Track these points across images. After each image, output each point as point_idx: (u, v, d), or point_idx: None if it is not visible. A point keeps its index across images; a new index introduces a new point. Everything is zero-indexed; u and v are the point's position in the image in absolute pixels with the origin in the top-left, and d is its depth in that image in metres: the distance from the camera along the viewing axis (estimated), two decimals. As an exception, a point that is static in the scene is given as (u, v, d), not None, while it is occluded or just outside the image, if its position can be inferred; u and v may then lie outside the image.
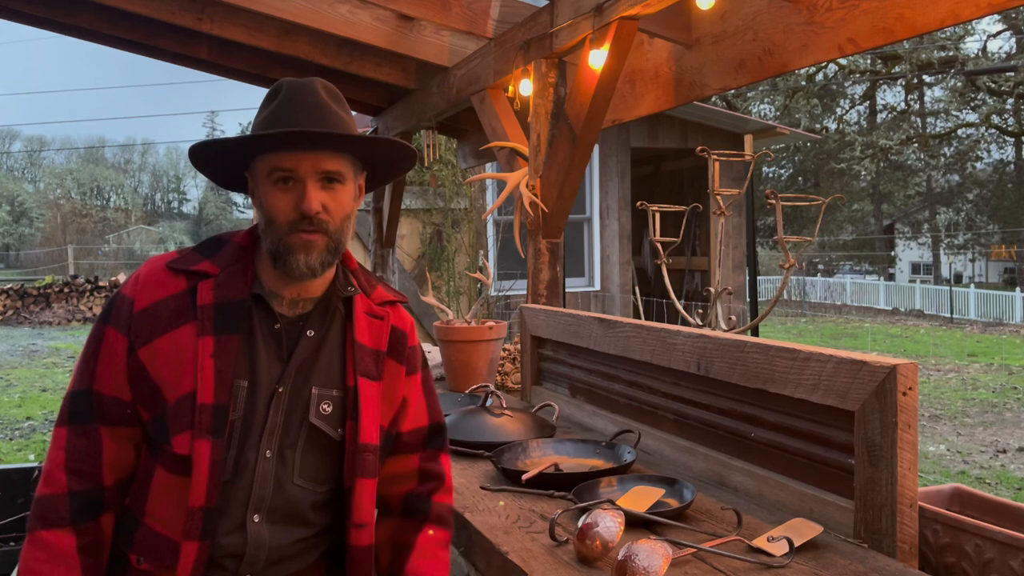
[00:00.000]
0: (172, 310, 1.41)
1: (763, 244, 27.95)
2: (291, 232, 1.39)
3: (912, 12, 2.22)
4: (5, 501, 4.06)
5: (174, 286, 1.43)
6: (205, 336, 1.38)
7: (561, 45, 3.18)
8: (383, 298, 1.58)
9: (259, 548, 1.41)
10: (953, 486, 1.92)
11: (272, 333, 1.45)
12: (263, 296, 1.46)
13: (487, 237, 9.12)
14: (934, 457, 7.40)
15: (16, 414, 8.74)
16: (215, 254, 1.47)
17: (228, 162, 1.49)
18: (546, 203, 3.33)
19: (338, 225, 1.43)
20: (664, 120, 9.45)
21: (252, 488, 1.41)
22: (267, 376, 1.43)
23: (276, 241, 1.41)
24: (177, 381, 1.38)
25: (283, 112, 1.40)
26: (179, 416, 1.37)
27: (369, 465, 1.48)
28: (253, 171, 1.45)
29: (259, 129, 1.41)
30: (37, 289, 18.11)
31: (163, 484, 1.40)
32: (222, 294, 1.42)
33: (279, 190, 1.40)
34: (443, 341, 3.33)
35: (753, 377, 1.90)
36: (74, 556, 1.36)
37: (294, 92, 1.42)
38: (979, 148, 30.14)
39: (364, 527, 1.48)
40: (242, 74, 5.33)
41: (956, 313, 22.90)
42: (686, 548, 1.56)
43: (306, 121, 1.38)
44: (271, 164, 1.39)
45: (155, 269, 1.45)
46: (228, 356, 1.39)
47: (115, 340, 1.42)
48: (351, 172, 1.46)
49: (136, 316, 1.41)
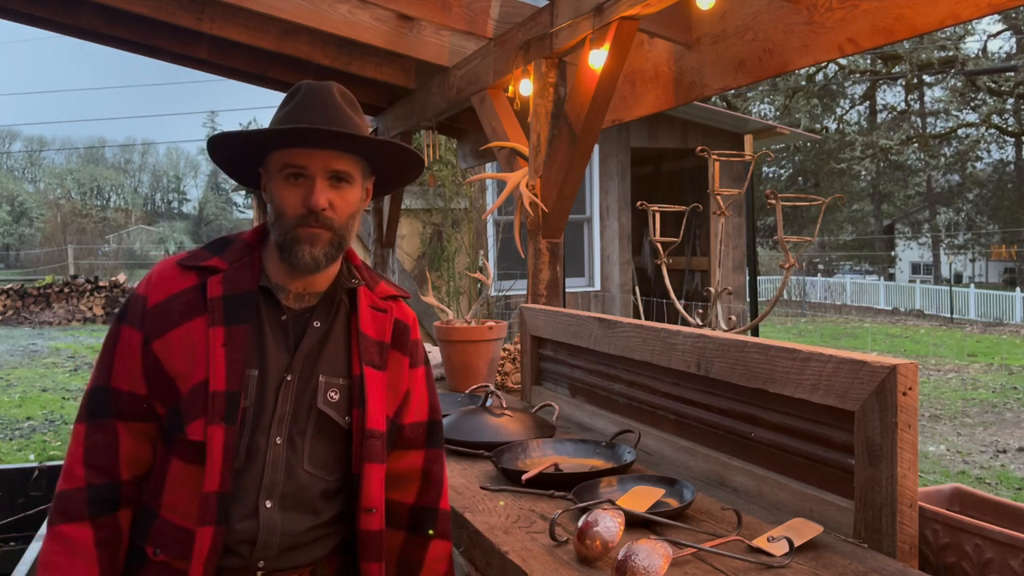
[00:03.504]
0: (184, 304, 1.47)
1: (763, 244, 27.96)
2: (298, 225, 1.46)
3: (912, 12, 2.22)
4: (5, 501, 4.06)
5: (185, 282, 1.49)
6: (216, 327, 1.45)
7: (561, 45, 3.19)
8: (386, 292, 1.64)
9: (272, 534, 1.45)
10: (953, 486, 1.92)
11: (279, 324, 1.51)
12: (270, 288, 1.51)
13: (487, 237, 9.12)
14: (934, 457, 7.40)
15: (16, 414, 8.74)
16: (223, 251, 1.54)
17: (244, 156, 1.55)
18: (546, 203, 3.33)
19: (343, 222, 1.49)
20: (664, 120, 9.44)
21: (264, 474, 1.46)
22: (276, 365, 1.48)
23: (284, 233, 1.47)
24: (190, 372, 1.43)
25: (299, 111, 1.46)
26: (193, 404, 1.42)
27: (377, 451, 1.52)
28: (267, 166, 1.52)
29: (275, 127, 1.47)
30: (37, 289, 18.11)
31: (178, 474, 1.44)
32: (231, 287, 1.48)
33: (290, 185, 1.47)
34: (443, 341, 3.33)
35: (753, 377, 1.90)
36: (91, 549, 1.41)
37: (312, 94, 1.49)
38: (979, 148, 30.15)
39: (373, 512, 1.52)
40: (242, 74, 5.33)
41: (956, 313, 22.90)
42: (686, 548, 1.56)
43: (320, 121, 1.45)
44: (284, 160, 1.47)
45: (166, 267, 1.52)
46: (238, 345, 1.45)
47: (130, 336, 1.47)
48: (359, 174, 1.52)
49: (149, 311, 1.47)
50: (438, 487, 1.68)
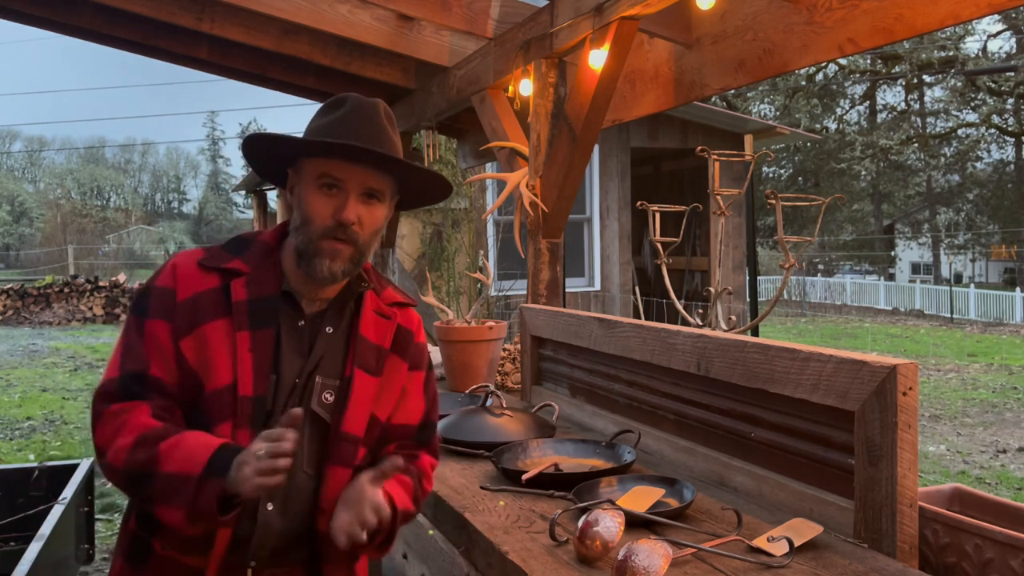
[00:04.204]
0: (208, 304, 1.46)
1: (763, 244, 27.96)
2: (324, 237, 1.46)
3: (912, 12, 2.22)
4: (5, 501, 4.06)
5: (208, 282, 1.48)
6: (242, 331, 1.45)
7: (561, 45, 3.18)
8: (392, 299, 1.64)
9: (269, 535, 1.46)
10: (953, 486, 1.92)
11: (296, 329, 1.51)
12: (291, 293, 1.52)
13: (487, 237, 9.11)
14: (934, 457, 7.40)
15: (16, 414, 8.74)
16: (244, 252, 1.53)
17: (275, 155, 1.55)
18: (546, 203, 3.33)
19: (367, 238, 1.50)
20: (664, 120, 9.44)
21: None
22: (290, 369, 1.49)
23: (307, 242, 1.47)
24: (215, 372, 1.43)
25: (346, 125, 1.46)
26: (219, 407, 1.42)
27: (345, 454, 1.50)
28: (299, 170, 1.51)
29: (318, 134, 1.46)
30: (37, 289, 18.10)
31: None
32: (255, 290, 1.48)
33: (323, 195, 1.46)
34: (443, 341, 3.33)
35: (753, 377, 1.90)
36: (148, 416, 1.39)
37: (359, 109, 1.49)
38: (979, 148, 30.15)
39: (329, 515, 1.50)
40: (242, 74, 5.33)
41: (956, 313, 22.89)
42: (686, 548, 1.56)
43: (366, 139, 1.45)
44: (321, 169, 1.46)
45: (188, 265, 1.50)
46: (264, 350, 1.45)
47: (160, 329, 1.45)
48: (389, 193, 1.54)
49: (179, 305, 1.46)
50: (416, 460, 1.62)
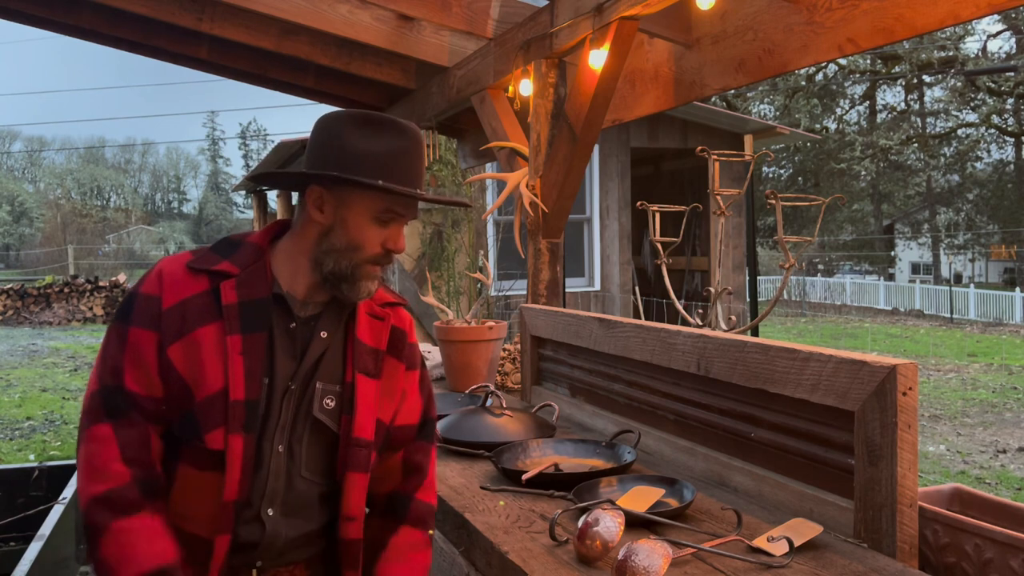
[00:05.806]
0: (198, 309, 1.44)
1: (763, 244, 27.95)
2: (371, 263, 1.51)
3: (912, 12, 2.22)
4: (5, 501, 4.06)
5: (197, 286, 1.46)
6: (233, 334, 1.43)
7: (561, 45, 3.18)
8: (384, 299, 1.63)
9: (276, 539, 1.47)
10: (953, 486, 1.92)
11: (287, 332, 1.50)
12: (283, 296, 1.51)
13: (487, 237, 9.11)
14: (934, 457, 7.40)
15: (16, 414, 8.74)
16: (233, 254, 1.51)
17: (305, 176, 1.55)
18: (546, 203, 3.33)
19: None
20: (664, 120, 9.44)
21: (267, 482, 1.46)
22: (283, 373, 1.48)
23: (352, 266, 1.49)
24: (206, 379, 1.41)
25: (398, 161, 1.47)
26: (210, 412, 1.41)
27: (361, 459, 1.52)
28: (345, 196, 1.48)
29: (374, 164, 1.45)
30: (37, 289, 18.10)
31: (191, 482, 1.43)
32: (245, 293, 1.47)
33: (379, 225, 1.50)
34: (443, 341, 3.33)
35: (753, 377, 1.90)
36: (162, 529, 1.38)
37: (405, 141, 1.49)
38: (979, 148, 30.13)
39: (353, 520, 1.53)
40: (242, 74, 5.33)
41: (956, 313, 22.88)
42: (686, 548, 1.56)
43: (413, 172, 1.49)
44: (386, 205, 1.48)
45: (176, 269, 1.48)
46: (256, 353, 1.44)
47: (143, 338, 1.43)
48: None
49: (165, 313, 1.43)
50: (419, 477, 1.66)
